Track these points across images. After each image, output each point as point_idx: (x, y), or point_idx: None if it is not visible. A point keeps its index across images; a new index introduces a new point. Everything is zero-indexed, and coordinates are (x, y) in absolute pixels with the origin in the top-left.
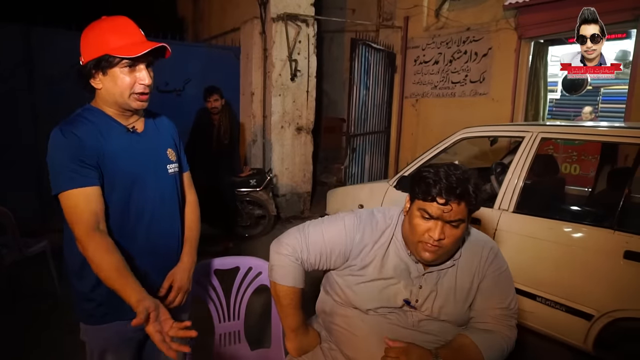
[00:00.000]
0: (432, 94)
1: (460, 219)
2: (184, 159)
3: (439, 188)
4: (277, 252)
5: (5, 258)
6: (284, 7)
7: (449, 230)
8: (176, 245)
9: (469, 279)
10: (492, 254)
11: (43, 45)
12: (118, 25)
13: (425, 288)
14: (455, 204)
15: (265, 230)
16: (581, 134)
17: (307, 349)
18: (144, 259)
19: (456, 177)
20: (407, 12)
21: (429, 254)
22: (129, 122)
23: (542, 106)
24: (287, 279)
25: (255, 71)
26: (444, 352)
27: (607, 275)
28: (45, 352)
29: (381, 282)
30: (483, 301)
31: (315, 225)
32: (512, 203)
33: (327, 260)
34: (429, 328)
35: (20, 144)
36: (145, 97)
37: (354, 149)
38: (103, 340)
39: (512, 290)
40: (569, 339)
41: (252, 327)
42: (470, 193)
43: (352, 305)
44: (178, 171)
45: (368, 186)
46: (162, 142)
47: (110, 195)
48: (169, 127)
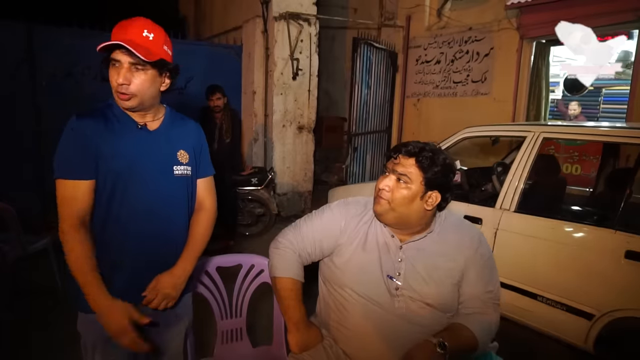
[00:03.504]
0: (434, 93)
1: (406, 176)
2: (205, 165)
3: (398, 146)
4: (275, 248)
5: (8, 255)
6: (286, 6)
7: (395, 185)
8: (173, 248)
9: (451, 259)
10: (477, 241)
11: (45, 44)
12: (123, 24)
13: (406, 262)
14: (404, 157)
15: (266, 228)
16: (583, 134)
17: (309, 345)
18: (134, 255)
19: (420, 144)
20: (409, 11)
21: (377, 205)
22: (144, 119)
23: (544, 106)
24: (287, 271)
25: (257, 70)
26: (439, 335)
27: (608, 275)
28: (46, 349)
29: (365, 257)
30: (472, 288)
31: (306, 220)
32: (514, 203)
33: (321, 248)
34: (417, 318)
35: (22, 141)
36: (125, 97)
37: (355, 148)
38: (94, 331)
39: (497, 273)
40: (569, 338)
41: (254, 325)
42: (422, 154)
43: (344, 285)
44: (190, 175)
45: (369, 185)
46: (175, 143)
47: (106, 188)
48: (192, 132)
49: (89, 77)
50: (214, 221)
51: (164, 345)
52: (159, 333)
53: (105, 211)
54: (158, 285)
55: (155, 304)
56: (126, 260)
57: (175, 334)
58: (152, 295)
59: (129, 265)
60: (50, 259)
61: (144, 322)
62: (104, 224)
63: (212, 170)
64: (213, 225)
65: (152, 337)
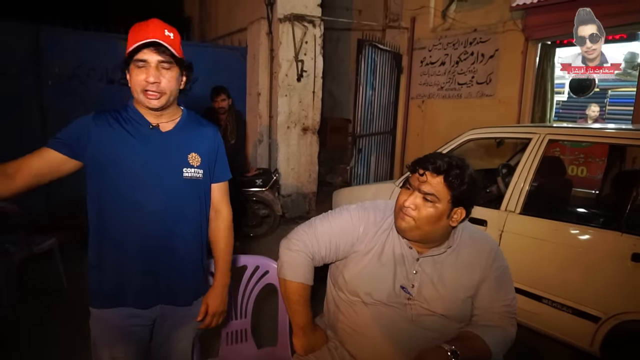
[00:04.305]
0: (439, 95)
1: (434, 195)
2: (221, 169)
3: (423, 161)
4: (288, 249)
5: (14, 255)
6: (291, 7)
7: (421, 203)
8: (179, 249)
9: (468, 274)
10: (494, 253)
11: (51, 44)
12: (142, 25)
13: (421, 274)
14: (431, 175)
15: (270, 230)
16: (589, 135)
17: (314, 348)
18: (134, 254)
19: (447, 159)
20: (414, 13)
21: (400, 221)
22: (158, 120)
23: (549, 108)
24: (298, 276)
25: (262, 71)
26: (452, 343)
27: (614, 278)
28: (52, 349)
29: (381, 267)
30: (488, 300)
31: (322, 219)
32: (519, 205)
33: (336, 251)
34: (428, 324)
35: (28, 142)
36: (155, 96)
37: (359, 150)
38: (101, 327)
39: (512, 285)
40: (575, 341)
41: (258, 326)
42: (450, 172)
43: (355, 293)
44: (201, 178)
45: (374, 187)
46: (187, 145)
47: (114, 187)
48: (208, 136)
49: (94, 79)
50: (232, 226)
51: (172, 344)
52: (169, 333)
53: (111, 210)
54: (209, 309)
55: (214, 324)
56: (132, 260)
57: (184, 334)
58: (208, 320)
59: (126, 264)
60: (55, 259)
61: None
62: (111, 224)
63: (228, 175)
64: (233, 230)
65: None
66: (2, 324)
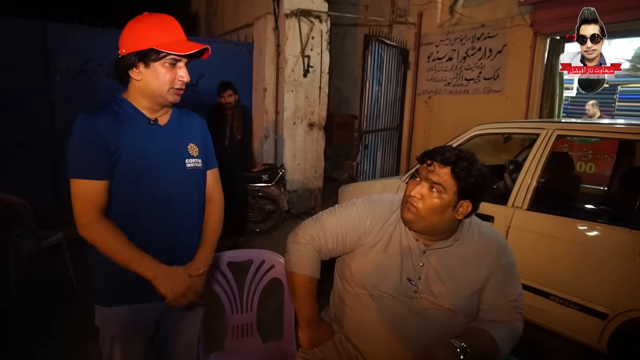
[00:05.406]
0: (445, 90)
1: (441, 185)
2: (211, 156)
3: (432, 152)
4: (295, 242)
5: (23, 249)
6: (297, 3)
7: (427, 193)
8: (190, 240)
9: (475, 269)
10: (502, 248)
11: (59, 41)
12: (165, 22)
13: (427, 266)
14: (439, 166)
15: (276, 225)
16: (598, 131)
17: (320, 342)
18: (154, 250)
19: (456, 151)
20: (421, 8)
21: (406, 211)
22: (156, 115)
23: (558, 104)
24: (305, 268)
25: (268, 67)
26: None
27: (622, 274)
28: (60, 343)
29: (387, 259)
30: (495, 296)
31: (329, 213)
32: (526, 201)
33: (343, 244)
34: (434, 317)
35: (36, 137)
36: (182, 92)
37: (366, 146)
38: (114, 325)
39: (520, 281)
40: (582, 338)
41: (264, 320)
42: (458, 163)
43: (362, 285)
44: (201, 167)
45: (380, 182)
46: (184, 136)
47: (122, 185)
48: (197, 125)
49: (101, 74)
50: (223, 212)
51: (178, 334)
52: (174, 323)
53: (119, 207)
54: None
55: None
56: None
57: (189, 324)
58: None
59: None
60: (63, 253)
61: (200, 274)
62: (121, 219)
63: (216, 162)
64: (223, 217)
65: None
66: (10, 317)
